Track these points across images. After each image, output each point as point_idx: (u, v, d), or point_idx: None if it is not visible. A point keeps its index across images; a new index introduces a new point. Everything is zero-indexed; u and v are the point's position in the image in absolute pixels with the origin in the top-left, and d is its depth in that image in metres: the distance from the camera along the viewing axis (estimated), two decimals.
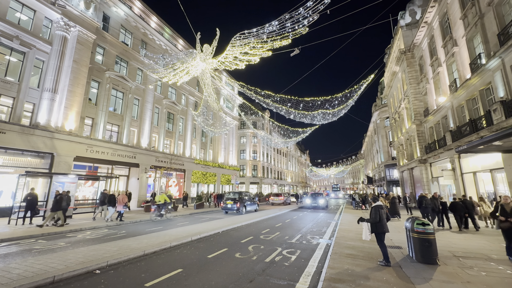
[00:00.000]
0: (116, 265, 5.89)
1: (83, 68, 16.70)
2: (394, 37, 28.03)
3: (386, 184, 36.97)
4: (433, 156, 19.02)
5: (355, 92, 13.80)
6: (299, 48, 11.86)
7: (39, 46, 14.99)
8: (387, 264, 5.71)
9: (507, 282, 4.74)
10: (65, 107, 15.59)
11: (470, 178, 14.44)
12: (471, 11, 13.46)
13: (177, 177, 25.71)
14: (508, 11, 11.19)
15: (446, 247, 7.35)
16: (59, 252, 6.73)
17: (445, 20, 16.86)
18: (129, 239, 8.36)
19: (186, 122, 27.82)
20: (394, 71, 28.88)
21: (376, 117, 43.50)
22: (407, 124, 25.75)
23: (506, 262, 5.94)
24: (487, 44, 12.20)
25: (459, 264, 5.78)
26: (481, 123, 12.47)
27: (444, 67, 17.22)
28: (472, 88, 13.79)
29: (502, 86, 11.19)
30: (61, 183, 12.74)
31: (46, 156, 14.85)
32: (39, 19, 15.21)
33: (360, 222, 6.22)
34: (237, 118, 39.82)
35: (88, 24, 17.11)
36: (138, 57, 21.76)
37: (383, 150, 39.65)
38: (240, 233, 10.24)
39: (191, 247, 7.79)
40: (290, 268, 5.86)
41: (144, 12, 24.02)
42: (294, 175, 75.66)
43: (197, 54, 13.24)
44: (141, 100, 22.04)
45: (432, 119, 19.91)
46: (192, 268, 5.71)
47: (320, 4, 8.57)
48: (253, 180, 46.82)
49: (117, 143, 19.17)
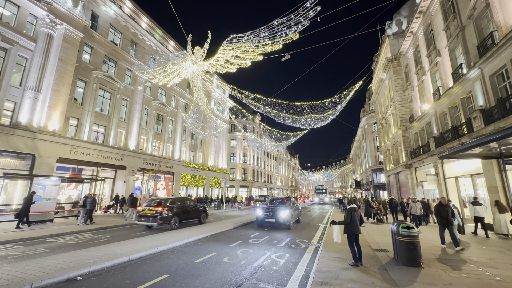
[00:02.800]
0: (99, 271, 5.68)
1: (69, 67, 16.21)
2: (381, 46, 28.96)
3: (374, 188, 37.75)
4: (417, 161, 19.63)
5: (344, 98, 14.11)
6: (290, 53, 12.02)
7: (23, 43, 14.44)
8: (355, 264, 5.96)
9: (486, 283, 4.92)
10: (48, 107, 15.04)
11: (452, 182, 14.98)
12: (453, 23, 14.13)
13: (166, 180, 25.23)
14: (487, 25, 11.82)
15: (430, 250, 7.56)
16: (38, 258, 6.42)
17: (429, 31, 17.60)
18: (113, 244, 8.09)
19: (175, 124, 27.46)
20: (381, 78, 29.76)
21: (364, 122, 44.56)
22: (393, 130, 26.51)
23: (485, 264, 6.17)
24: (468, 55, 12.80)
25: (442, 267, 5.95)
26: (462, 130, 13.02)
27: (428, 76, 17.91)
28: (454, 96, 14.40)
29: (482, 95, 11.75)
30: (43, 185, 12.22)
31: (27, 157, 14.22)
32: (23, 15, 14.69)
33: (332, 225, 6.58)
34: (227, 121, 39.71)
35: (75, 22, 16.68)
36: (128, 57, 21.37)
37: (370, 154, 40.58)
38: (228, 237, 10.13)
39: (178, 252, 7.63)
40: (279, 272, 5.84)
41: (135, 12, 23.69)
42: (284, 178, 75.97)
43: (188, 56, 13.16)
44: (129, 101, 21.60)
45: (417, 125, 20.60)
46: (179, 274, 5.59)
47: (311, 11, 8.75)
48: (243, 183, 46.64)
49: (104, 145, 18.64)
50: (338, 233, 6.42)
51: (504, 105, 9.75)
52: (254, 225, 13.73)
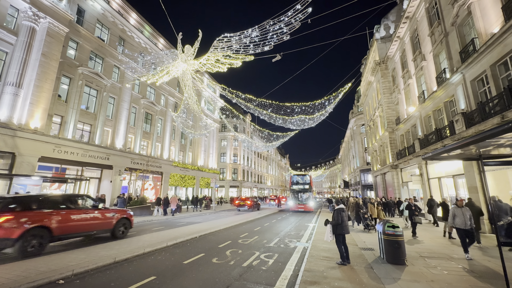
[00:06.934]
0: (82, 274, 5.50)
1: (52, 62, 15.60)
2: (370, 49, 29.66)
3: (361, 188, 38.60)
4: (403, 162, 20.23)
5: (333, 99, 14.34)
6: (281, 54, 12.09)
7: (2, 36, 13.77)
8: (343, 263, 6.08)
9: (465, 280, 5.13)
10: (30, 103, 14.41)
11: (435, 183, 15.54)
12: (437, 29, 14.66)
13: (154, 180, 24.75)
14: (469, 32, 12.34)
15: (414, 248, 7.80)
16: (17, 261, 6.14)
17: (415, 36, 18.18)
18: (98, 246, 7.86)
19: (165, 123, 26.99)
20: (369, 81, 30.47)
21: (352, 124, 45.48)
22: (380, 132, 27.19)
23: (465, 262, 6.44)
24: (451, 60, 13.32)
25: (425, 264, 6.16)
26: (445, 133, 13.53)
27: (414, 79, 18.50)
28: (438, 100, 14.94)
29: (463, 99, 12.26)
30: (23, 185, 11.73)
31: (6, 156, 13.56)
32: (3, 7, 14.01)
33: (326, 224, 6.57)
34: (218, 121, 39.44)
35: (60, 16, 16.07)
36: (115, 54, 20.81)
37: (358, 155, 41.46)
38: (218, 238, 10.07)
39: (166, 253, 7.51)
40: (268, 272, 5.86)
41: (123, 8, 23.10)
42: (274, 178, 76.33)
43: (178, 54, 12.99)
44: (117, 98, 21.04)
45: (403, 127, 21.23)
46: (166, 275, 5.50)
47: (302, 13, 8.84)
48: (233, 183, 46.48)
49: (89, 143, 18.06)
50: (329, 232, 6.40)
51: (484, 109, 10.22)
52: None
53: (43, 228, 7.00)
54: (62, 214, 7.56)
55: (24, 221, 6.63)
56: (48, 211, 7.29)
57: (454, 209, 7.03)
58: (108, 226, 8.95)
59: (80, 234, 8.13)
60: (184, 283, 5.08)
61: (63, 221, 7.52)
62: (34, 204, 7.20)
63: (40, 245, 6.87)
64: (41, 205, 7.31)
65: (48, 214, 7.22)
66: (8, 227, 6.31)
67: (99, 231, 8.71)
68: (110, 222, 9.03)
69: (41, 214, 7.10)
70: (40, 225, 6.91)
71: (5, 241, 6.25)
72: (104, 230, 8.87)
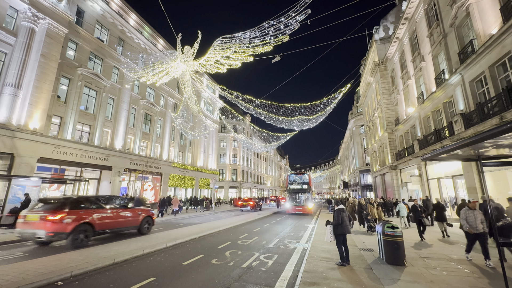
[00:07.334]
0: (81, 276, 5.48)
1: (52, 63, 15.59)
2: (369, 50, 29.73)
3: (361, 189, 38.61)
4: (402, 162, 20.26)
5: (332, 100, 14.37)
6: (280, 55, 12.12)
7: (1, 37, 13.77)
8: (343, 264, 6.05)
9: (464, 280, 5.13)
10: (29, 104, 14.40)
11: (435, 183, 15.56)
12: (436, 30, 14.71)
13: (153, 180, 24.72)
14: (467, 33, 12.39)
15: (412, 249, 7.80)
16: (15, 263, 6.11)
17: (414, 37, 18.24)
18: (97, 247, 7.83)
19: (164, 124, 26.98)
20: (369, 82, 30.53)
21: (352, 124, 45.54)
22: (380, 132, 27.23)
23: (464, 262, 6.44)
24: (450, 61, 13.36)
25: (424, 265, 6.16)
26: (444, 133, 13.56)
27: (413, 80, 18.55)
28: (437, 100, 14.98)
29: (462, 100, 12.29)
30: (22, 186, 11.67)
31: (4, 156, 13.53)
32: (2, 7, 14.01)
33: (327, 225, 6.52)
34: (217, 122, 39.45)
35: (59, 17, 16.07)
36: (115, 55, 20.82)
37: (358, 156, 41.50)
38: (217, 239, 10.05)
39: (165, 254, 7.49)
40: (267, 273, 5.85)
41: (123, 8, 23.13)
42: (274, 179, 76.31)
43: (178, 55, 13.00)
44: (116, 99, 21.03)
45: (402, 128, 21.27)
46: (166, 276, 5.49)
47: (301, 14, 8.86)
48: (233, 184, 46.43)
49: (88, 144, 18.04)
50: (330, 232, 6.36)
51: (483, 109, 10.24)
52: None
53: (88, 224, 8.10)
54: (102, 213, 8.71)
55: (74, 218, 7.74)
56: (91, 210, 8.41)
57: (466, 212, 6.55)
58: (135, 223, 10.00)
59: (115, 230, 9.18)
60: (183, 284, 5.06)
61: (103, 219, 8.67)
62: (80, 204, 8.35)
63: (86, 238, 7.96)
64: (86, 205, 8.45)
65: (91, 213, 8.33)
66: (64, 223, 7.48)
67: (128, 228, 9.71)
68: (138, 220, 10.09)
69: (86, 212, 8.21)
70: (86, 222, 8.03)
71: (61, 235, 7.45)
72: (133, 227, 9.92)
